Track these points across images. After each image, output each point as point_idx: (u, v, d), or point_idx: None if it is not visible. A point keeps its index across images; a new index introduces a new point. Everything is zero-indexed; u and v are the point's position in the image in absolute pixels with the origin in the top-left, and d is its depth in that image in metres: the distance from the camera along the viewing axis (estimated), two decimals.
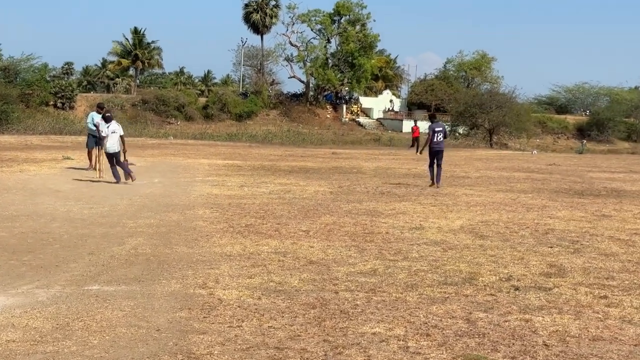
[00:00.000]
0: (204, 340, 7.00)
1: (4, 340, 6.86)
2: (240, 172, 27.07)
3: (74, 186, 20.61)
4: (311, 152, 44.64)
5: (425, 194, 20.74)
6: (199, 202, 17.66)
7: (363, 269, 10.41)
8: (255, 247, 11.94)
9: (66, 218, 14.69)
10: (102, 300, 8.43)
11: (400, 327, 7.56)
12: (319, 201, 18.40)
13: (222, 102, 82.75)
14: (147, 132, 65.01)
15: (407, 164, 34.34)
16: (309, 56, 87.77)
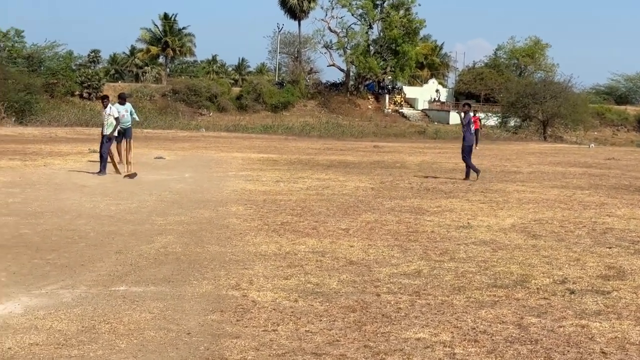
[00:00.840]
0: (237, 345, 7.02)
1: (27, 344, 6.93)
2: (276, 167, 27.12)
3: (101, 181, 20.76)
4: (351, 145, 44.61)
5: (474, 190, 20.65)
6: (232, 198, 17.73)
7: (406, 270, 10.39)
8: (291, 246, 11.96)
9: (92, 215, 14.81)
10: (130, 301, 8.49)
11: (447, 333, 7.54)
12: (359, 198, 18.39)
13: (256, 92, 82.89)
14: (178, 124, 65.36)
15: (454, 158, 34.15)
16: (350, 43, 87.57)
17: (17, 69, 68.07)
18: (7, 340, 7.00)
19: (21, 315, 7.84)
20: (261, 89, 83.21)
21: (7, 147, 32.40)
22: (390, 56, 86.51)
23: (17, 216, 14.32)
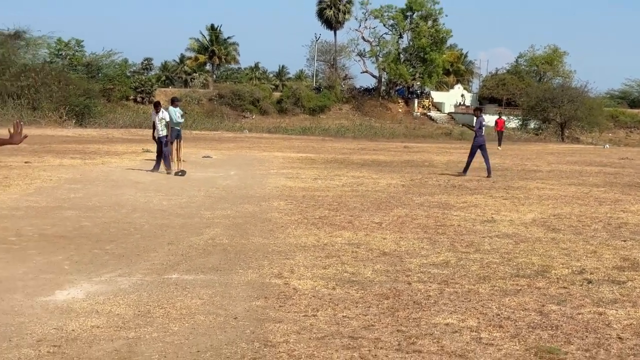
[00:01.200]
0: (280, 329, 7.04)
1: (89, 326, 6.99)
2: (314, 165, 27.14)
3: (154, 178, 20.89)
4: (383, 146, 44.54)
5: (497, 187, 20.55)
6: (274, 194, 17.76)
7: (435, 261, 10.36)
8: (329, 238, 11.97)
9: (146, 209, 14.90)
10: (182, 288, 8.53)
11: (473, 319, 7.51)
12: (391, 194, 18.36)
13: (296, 96, 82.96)
14: (224, 126, 65.59)
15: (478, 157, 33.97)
16: (381, 51, 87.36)
17: (77, 75, 68.63)
18: (70, 323, 7.06)
19: (83, 301, 7.91)
20: (300, 94, 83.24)
21: (68, 147, 32.68)
22: (419, 64, 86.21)
23: (79, 210, 14.43)
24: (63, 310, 7.52)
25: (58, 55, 76.28)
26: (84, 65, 75.18)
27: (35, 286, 8.46)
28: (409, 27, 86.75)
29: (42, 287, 8.44)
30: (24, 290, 8.28)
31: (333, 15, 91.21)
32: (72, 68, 72.97)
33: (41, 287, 8.42)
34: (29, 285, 8.48)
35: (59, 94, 59.88)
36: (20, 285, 8.49)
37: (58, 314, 7.38)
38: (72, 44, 78.04)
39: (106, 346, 6.43)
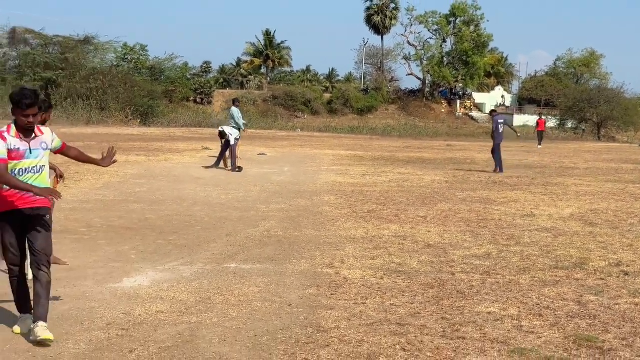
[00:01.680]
0: (331, 315, 7.05)
1: (154, 311, 7.07)
2: (362, 162, 27.10)
3: (213, 174, 21.02)
4: (427, 144, 44.32)
5: (536, 183, 20.33)
6: (324, 189, 17.77)
7: (478, 253, 10.29)
8: (377, 231, 11.95)
9: (206, 202, 15.01)
10: (240, 277, 8.58)
11: (514, 308, 7.45)
12: (435, 189, 18.27)
13: (345, 97, 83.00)
14: (277, 125, 65.76)
15: (517, 156, 33.70)
16: (426, 55, 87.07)
17: (141, 78, 69.23)
18: (137, 308, 7.14)
19: (148, 287, 8.00)
20: (349, 95, 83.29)
21: (134, 144, 33.00)
22: (461, 66, 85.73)
23: (144, 203, 14.58)
24: (130, 296, 7.61)
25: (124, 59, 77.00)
26: (147, 69, 75.82)
27: (105, 274, 8.58)
28: (452, 32, 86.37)
29: (111, 274, 8.56)
30: (94, 277, 8.40)
31: (380, 21, 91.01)
32: (137, 71, 73.63)
33: (110, 275, 8.53)
34: (99, 273, 8.60)
35: (124, 95, 60.51)
36: (91, 273, 8.62)
37: (126, 299, 7.47)
38: (137, 48, 78.72)
39: (170, 330, 6.50)
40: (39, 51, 67.84)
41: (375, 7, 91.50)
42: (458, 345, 6.24)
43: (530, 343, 6.34)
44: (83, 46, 69.60)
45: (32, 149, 6.30)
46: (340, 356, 5.91)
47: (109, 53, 74.47)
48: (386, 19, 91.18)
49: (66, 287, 7.91)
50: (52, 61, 66.17)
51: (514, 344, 6.29)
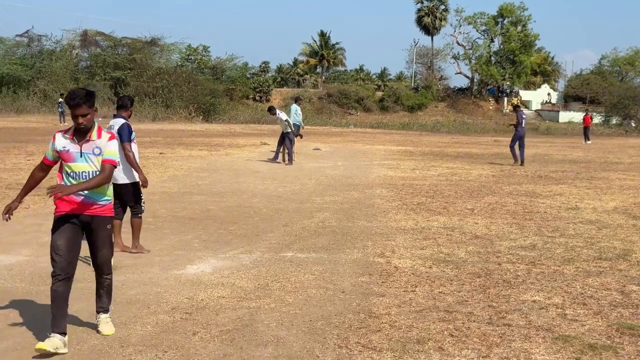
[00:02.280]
0: (382, 302, 7.05)
1: (216, 296, 7.14)
2: (412, 157, 26.99)
3: (270, 168, 21.12)
4: (475, 140, 43.95)
5: (581, 177, 20.04)
6: (376, 183, 17.75)
7: (523, 244, 10.19)
8: (426, 222, 11.90)
9: (264, 194, 15.09)
10: (296, 265, 8.63)
11: (558, 297, 7.37)
12: (482, 183, 18.12)
13: (396, 95, 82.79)
14: (331, 122, 65.84)
15: (563, 151, 33.23)
16: (474, 54, 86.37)
17: (204, 77, 69.90)
18: (200, 294, 7.23)
19: (210, 274, 8.09)
20: (400, 93, 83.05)
21: (196, 140, 33.34)
22: (508, 65, 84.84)
23: (206, 195, 14.73)
24: (193, 282, 7.71)
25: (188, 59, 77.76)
26: (210, 68, 76.47)
27: (170, 261, 8.70)
28: (500, 32, 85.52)
29: (175, 262, 8.67)
30: (160, 264, 8.52)
31: (430, 22, 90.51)
32: (200, 71, 74.33)
33: (175, 262, 8.64)
34: (164, 261, 8.72)
35: (188, 93, 61.17)
36: (157, 260, 8.75)
37: (189, 285, 7.57)
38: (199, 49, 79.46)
39: (230, 314, 6.57)
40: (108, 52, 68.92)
41: (425, 8, 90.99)
42: (504, 331, 6.20)
43: (574, 330, 6.28)
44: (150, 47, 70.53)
45: (83, 152, 5.77)
46: (390, 341, 5.92)
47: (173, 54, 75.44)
48: (436, 20, 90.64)
49: (134, 273, 8.04)
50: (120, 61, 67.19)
51: (558, 331, 6.23)
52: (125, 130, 8.86)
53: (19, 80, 62.18)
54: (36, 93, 61.05)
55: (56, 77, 63.21)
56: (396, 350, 5.70)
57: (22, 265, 8.24)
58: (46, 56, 66.31)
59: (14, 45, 67.74)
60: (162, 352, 5.57)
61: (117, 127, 8.85)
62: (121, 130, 8.83)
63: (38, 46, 68.24)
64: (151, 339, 5.87)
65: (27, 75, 62.75)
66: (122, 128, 8.86)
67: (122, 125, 8.88)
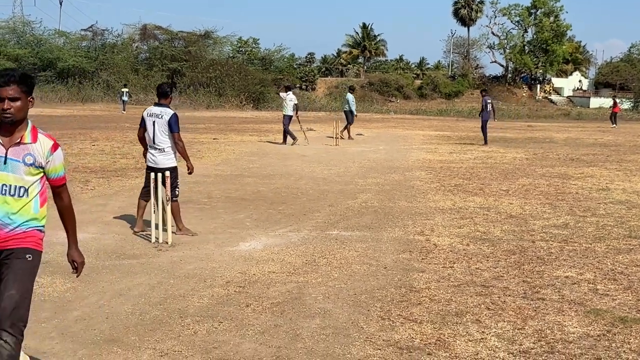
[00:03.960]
0: (422, 277, 7.03)
1: (267, 271, 7.18)
2: (449, 142, 26.80)
3: (316, 152, 21.12)
4: (509, 125, 43.40)
5: (611, 160, 19.70)
6: (415, 166, 17.66)
7: (556, 223, 10.07)
8: (463, 203, 11.81)
9: (310, 177, 15.10)
10: (340, 242, 8.63)
11: (590, 273, 7.27)
12: (516, 166, 17.92)
13: (434, 83, 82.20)
14: (373, 109, 65.52)
15: (594, 135, 32.70)
16: (508, 44, 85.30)
17: (254, 68, 69.96)
18: (252, 268, 7.27)
19: (261, 251, 8.13)
20: (437, 81, 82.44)
21: (247, 126, 33.48)
22: (541, 54, 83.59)
23: (256, 177, 14.79)
24: (246, 258, 7.75)
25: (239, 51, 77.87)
26: (259, 59, 76.50)
27: (224, 238, 8.76)
28: (533, 23, 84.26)
29: (229, 239, 8.73)
30: (215, 241, 8.58)
31: (467, 13, 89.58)
32: (250, 62, 74.41)
33: (228, 239, 8.70)
34: (219, 238, 8.78)
35: (239, 83, 61.37)
36: (212, 237, 8.81)
37: (242, 261, 7.61)
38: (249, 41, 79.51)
39: (281, 288, 6.60)
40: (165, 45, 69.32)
41: (462, 1, 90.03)
42: (538, 305, 6.14)
43: (605, 304, 6.19)
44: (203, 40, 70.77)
45: (8, 157, 3.87)
46: (430, 313, 5.90)
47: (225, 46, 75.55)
48: (472, 11, 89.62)
49: (191, 250, 8.11)
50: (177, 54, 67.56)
51: (590, 305, 6.15)
52: (175, 120, 8.77)
53: (83, 71, 62.90)
54: (99, 83, 61.72)
55: (118, 68, 63.81)
56: (436, 322, 5.68)
57: (88, 242, 8.36)
58: (108, 49, 66.95)
59: (79, 39, 68.52)
60: (217, 322, 5.62)
61: (167, 117, 8.71)
62: (172, 120, 8.72)
63: (101, 40, 68.97)
64: (208, 310, 5.93)
65: (91, 67, 63.42)
66: (173, 118, 8.74)
67: (172, 116, 8.73)
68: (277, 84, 70.44)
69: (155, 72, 65.13)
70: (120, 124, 31.31)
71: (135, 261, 7.57)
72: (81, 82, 61.54)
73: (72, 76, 61.97)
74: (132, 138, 23.42)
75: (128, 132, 26.32)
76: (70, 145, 20.11)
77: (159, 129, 8.73)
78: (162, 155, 8.79)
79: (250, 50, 78.48)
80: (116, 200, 11.52)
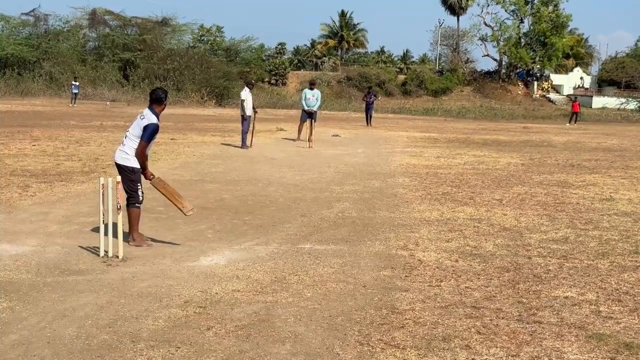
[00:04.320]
0: (406, 297, 7.05)
1: (230, 290, 7.16)
2: (436, 144, 26.92)
3: (286, 155, 21.14)
4: (503, 126, 43.75)
5: (616, 167, 19.91)
6: (398, 171, 17.72)
7: (555, 237, 10.15)
8: (451, 213, 11.88)
9: (280, 183, 15.11)
10: (314, 257, 8.63)
11: (592, 293, 7.34)
12: (511, 172, 18.06)
13: (419, 79, 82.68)
14: (351, 107, 65.74)
15: (596, 138, 33.03)
16: (502, 36, 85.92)
17: (217, 59, 69.93)
18: (214, 287, 7.25)
19: (225, 266, 8.11)
20: (423, 77, 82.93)
21: (209, 125, 33.43)
22: (539, 47, 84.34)
23: (219, 183, 14.77)
24: (207, 275, 7.73)
25: (200, 40, 77.88)
26: (223, 50, 76.54)
27: (182, 252, 8.73)
28: (530, 12, 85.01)
29: (188, 253, 8.70)
30: (172, 255, 8.55)
31: (456, 1, 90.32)
32: (213, 52, 74.42)
33: (187, 254, 8.67)
34: (177, 252, 8.75)
35: (200, 76, 61.32)
36: (169, 251, 8.78)
37: (203, 278, 7.59)
38: (213, 30, 79.56)
39: (246, 308, 6.59)
40: (117, 32, 69.17)
41: None
42: (534, 329, 6.18)
43: (609, 328, 6.25)
44: (161, 27, 70.72)
45: None
46: (414, 338, 5.91)
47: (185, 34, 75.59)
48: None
49: (145, 265, 8.08)
50: (130, 42, 67.45)
51: (592, 329, 6.21)
52: (150, 131, 8.89)
53: (24, 61, 62.46)
54: (42, 75, 61.32)
55: (63, 58, 63.49)
56: (420, 347, 5.70)
57: (27, 255, 8.29)
58: (53, 36, 66.55)
59: (20, 24, 68.00)
60: (175, 347, 5.59)
61: (147, 122, 8.90)
62: (147, 128, 8.87)
63: (44, 25, 68.50)
64: (163, 333, 5.90)
65: (32, 57, 63.01)
66: (149, 127, 8.90)
67: (150, 124, 8.91)
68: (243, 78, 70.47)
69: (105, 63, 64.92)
70: (65, 121, 31.11)
71: (82, 277, 7.51)
72: (20, 73, 61.08)
73: (10, 66, 61.49)
74: (78, 137, 23.30)
75: (74, 130, 26.18)
76: (7, 145, 19.94)
77: (136, 125, 8.98)
78: (123, 152, 8.96)
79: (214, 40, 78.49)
80: (60, 208, 11.43)
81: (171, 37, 72.89)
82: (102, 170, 15.33)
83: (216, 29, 79.80)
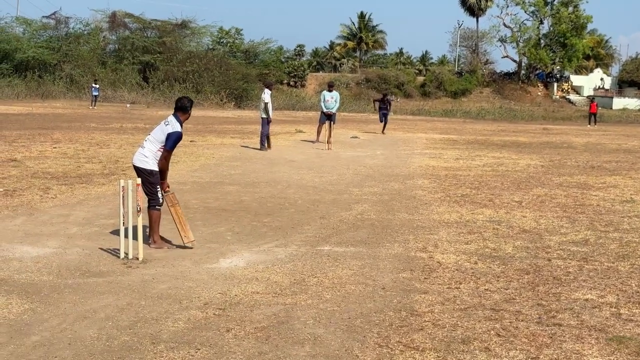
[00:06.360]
0: (425, 299, 7.04)
1: (250, 292, 7.18)
2: (456, 146, 26.86)
3: (306, 157, 21.14)
4: (522, 128, 43.60)
5: (636, 168, 19.80)
6: (417, 173, 17.70)
7: (575, 239, 10.11)
8: (470, 215, 11.85)
9: (300, 185, 15.12)
10: (333, 259, 8.64)
11: (612, 295, 7.31)
12: (530, 174, 17.99)
13: (438, 80, 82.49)
14: (369, 108, 65.60)
15: (617, 140, 32.85)
16: (522, 37, 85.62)
17: (236, 61, 70.10)
18: (233, 289, 7.27)
19: (244, 268, 8.13)
20: (442, 78, 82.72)
21: (228, 127, 33.50)
22: (559, 48, 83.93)
23: (239, 185, 14.80)
24: (227, 276, 7.75)
25: (219, 42, 78.05)
26: (242, 52, 76.68)
27: (202, 254, 8.76)
28: (550, 13, 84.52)
29: (207, 255, 8.73)
30: (192, 258, 8.58)
31: (476, 2, 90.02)
32: (232, 55, 74.57)
33: (207, 256, 8.70)
34: (197, 253, 8.78)
35: (219, 78, 61.53)
36: (189, 253, 8.81)
37: (222, 280, 7.62)
38: (232, 32, 79.71)
39: (265, 310, 6.60)
40: (137, 35, 69.48)
41: None
42: (554, 332, 6.16)
43: (629, 331, 6.22)
44: (180, 30, 70.98)
45: None
46: (433, 340, 5.91)
47: (205, 37, 75.78)
48: (482, 0, 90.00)
49: (165, 267, 8.11)
50: (149, 45, 67.72)
51: (612, 332, 6.18)
52: (174, 139, 8.99)
53: (44, 64, 62.92)
54: (62, 78, 61.71)
55: (83, 61, 63.90)
56: (440, 350, 5.69)
57: (48, 257, 8.35)
58: (73, 39, 66.97)
59: (41, 27, 68.47)
60: (194, 349, 5.62)
61: (172, 130, 8.99)
62: (171, 136, 8.97)
63: (65, 28, 68.91)
64: (183, 335, 5.92)
65: (53, 59, 63.44)
66: (173, 135, 9.00)
67: (174, 133, 9.00)
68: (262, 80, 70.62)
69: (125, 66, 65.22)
70: (86, 124, 31.28)
71: (102, 279, 7.56)
72: (41, 75, 61.54)
73: (32, 69, 61.95)
74: (98, 140, 23.42)
75: (94, 132, 26.31)
76: (28, 148, 20.07)
77: (159, 130, 9.05)
78: (142, 155, 9.04)
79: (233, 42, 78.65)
80: (80, 210, 11.50)
81: (190, 40, 73.16)
82: (122, 173, 15.41)
83: (235, 32, 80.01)
